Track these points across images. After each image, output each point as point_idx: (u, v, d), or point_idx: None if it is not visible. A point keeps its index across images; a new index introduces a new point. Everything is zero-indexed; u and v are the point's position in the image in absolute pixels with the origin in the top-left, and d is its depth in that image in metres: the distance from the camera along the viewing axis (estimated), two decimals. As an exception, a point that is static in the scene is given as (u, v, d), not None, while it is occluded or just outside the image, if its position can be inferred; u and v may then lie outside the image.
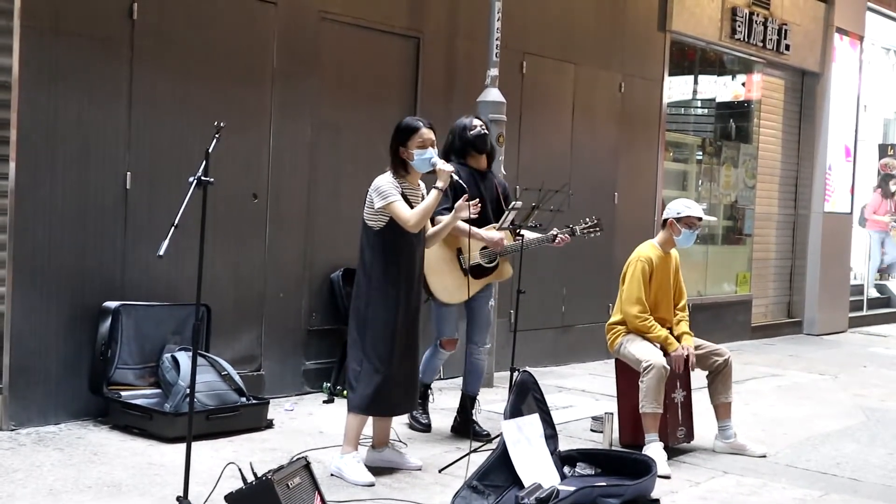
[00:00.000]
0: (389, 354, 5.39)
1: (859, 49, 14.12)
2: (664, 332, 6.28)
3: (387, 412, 5.58)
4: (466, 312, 6.53)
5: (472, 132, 6.31)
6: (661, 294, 6.41)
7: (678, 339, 6.37)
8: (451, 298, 6.29)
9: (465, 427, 6.39)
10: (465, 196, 5.56)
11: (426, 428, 6.55)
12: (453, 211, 5.57)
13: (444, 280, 6.19)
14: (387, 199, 5.31)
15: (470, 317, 6.56)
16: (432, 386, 6.75)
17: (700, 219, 6.44)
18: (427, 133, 5.41)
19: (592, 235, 6.51)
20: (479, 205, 5.66)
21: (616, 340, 6.38)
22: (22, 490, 4.90)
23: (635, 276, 6.30)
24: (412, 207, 5.36)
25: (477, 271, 6.34)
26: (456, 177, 5.48)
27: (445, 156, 6.18)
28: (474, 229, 6.09)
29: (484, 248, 6.33)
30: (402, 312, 5.43)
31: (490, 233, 6.28)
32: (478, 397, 6.62)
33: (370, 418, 5.58)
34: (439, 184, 5.35)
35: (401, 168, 5.44)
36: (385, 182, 5.38)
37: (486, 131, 6.37)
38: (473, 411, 6.53)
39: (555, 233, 6.42)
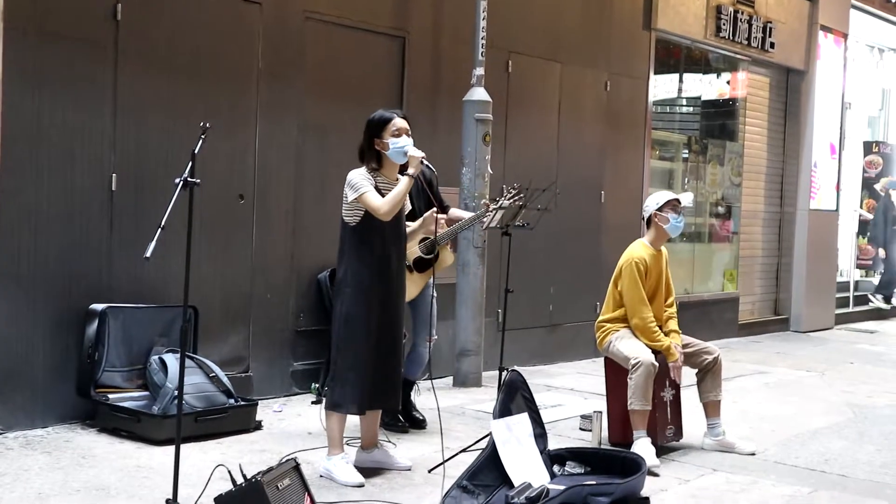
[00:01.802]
0: (364, 352, 5.34)
1: (843, 47, 14.17)
2: (668, 342, 6.27)
3: (359, 410, 5.46)
4: (410, 309, 6.56)
5: None
6: (654, 292, 6.41)
7: (666, 335, 6.38)
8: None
9: (404, 412, 6.53)
10: (435, 210, 5.77)
11: (404, 429, 6.55)
12: (422, 220, 5.72)
13: None
14: (358, 191, 5.27)
15: (414, 313, 6.63)
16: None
17: (679, 201, 6.45)
18: (401, 122, 5.40)
19: (518, 203, 6.44)
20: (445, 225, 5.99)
21: (605, 339, 6.38)
22: (10, 494, 4.87)
23: (633, 278, 6.27)
24: None
25: (419, 264, 6.41)
26: (427, 162, 5.48)
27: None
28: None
29: (423, 239, 6.35)
30: (378, 310, 5.39)
31: (417, 222, 6.07)
32: (417, 383, 6.75)
33: (352, 418, 5.55)
34: (410, 170, 5.33)
35: (374, 161, 5.40)
36: (357, 175, 5.35)
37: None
38: (412, 394, 6.69)
39: (482, 213, 6.50)
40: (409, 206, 5.72)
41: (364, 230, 5.36)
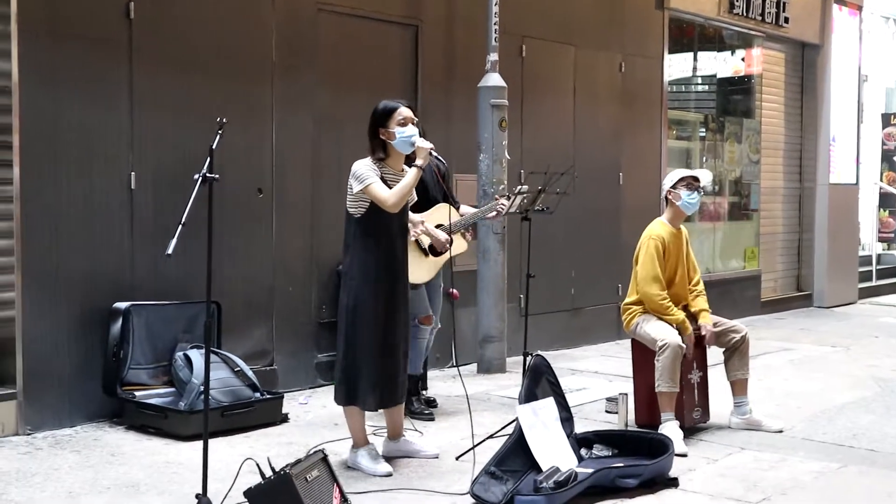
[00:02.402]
0: (374, 343, 5.29)
1: (858, 18, 14.05)
2: (681, 316, 6.24)
3: (374, 405, 5.41)
4: (426, 292, 6.62)
5: None
6: (675, 271, 6.39)
7: (696, 315, 6.37)
8: (416, 279, 6.33)
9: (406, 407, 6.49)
10: (423, 221, 6.13)
11: (430, 417, 6.55)
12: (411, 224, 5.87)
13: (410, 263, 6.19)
14: (364, 182, 5.21)
15: (428, 296, 6.65)
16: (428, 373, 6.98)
17: (695, 178, 6.42)
18: (406, 111, 5.32)
19: (524, 199, 6.53)
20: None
21: (632, 321, 6.36)
22: (41, 494, 4.91)
23: (649, 254, 6.27)
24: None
25: (434, 250, 6.47)
26: (436, 153, 5.45)
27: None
28: (421, 220, 6.22)
29: (437, 225, 6.42)
30: (384, 302, 5.32)
31: (439, 233, 6.39)
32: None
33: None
34: (419, 161, 5.26)
35: (380, 150, 5.34)
36: (362, 166, 5.29)
37: None
38: (421, 391, 6.75)
39: (494, 204, 6.60)
40: (414, 198, 5.68)
41: (369, 222, 5.31)
